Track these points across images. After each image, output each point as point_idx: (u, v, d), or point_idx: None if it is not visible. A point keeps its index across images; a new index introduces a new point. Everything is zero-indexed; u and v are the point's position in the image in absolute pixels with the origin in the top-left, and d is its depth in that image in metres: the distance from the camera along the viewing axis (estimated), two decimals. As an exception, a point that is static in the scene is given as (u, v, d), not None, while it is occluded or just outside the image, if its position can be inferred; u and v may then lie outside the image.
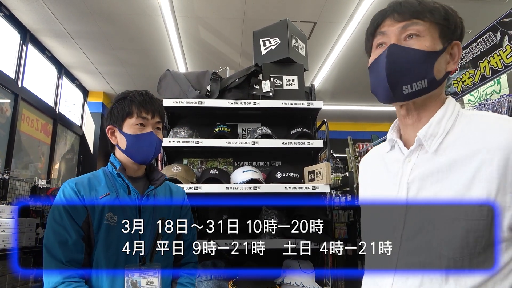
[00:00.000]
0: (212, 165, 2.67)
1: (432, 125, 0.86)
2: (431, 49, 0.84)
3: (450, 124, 0.86)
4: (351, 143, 5.07)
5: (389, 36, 0.88)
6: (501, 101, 2.56)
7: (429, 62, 0.84)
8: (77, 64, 6.26)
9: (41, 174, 5.79)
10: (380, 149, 1.04)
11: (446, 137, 0.85)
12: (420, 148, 0.88)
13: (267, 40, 2.65)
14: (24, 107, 5.29)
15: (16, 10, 4.70)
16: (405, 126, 0.93)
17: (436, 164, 0.83)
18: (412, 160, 0.88)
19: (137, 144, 1.30)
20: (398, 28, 0.87)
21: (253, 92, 2.49)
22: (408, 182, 0.86)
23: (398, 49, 0.85)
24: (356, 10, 4.62)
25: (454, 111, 0.87)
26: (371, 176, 1.03)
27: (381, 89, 0.87)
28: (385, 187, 0.93)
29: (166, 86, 2.55)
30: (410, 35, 0.85)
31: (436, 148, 0.84)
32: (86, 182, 1.30)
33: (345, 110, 8.39)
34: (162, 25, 4.92)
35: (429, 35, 0.85)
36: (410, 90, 0.84)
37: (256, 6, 4.62)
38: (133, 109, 1.30)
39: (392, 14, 0.89)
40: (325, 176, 2.24)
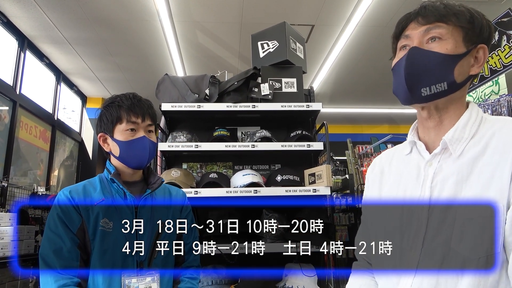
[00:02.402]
0: (212, 169, 2.66)
1: (458, 129, 0.87)
2: (452, 52, 0.85)
3: (474, 128, 0.87)
4: (351, 146, 5.06)
5: (412, 39, 0.89)
6: (501, 101, 2.55)
7: (449, 65, 0.85)
8: (75, 71, 6.26)
9: (40, 181, 5.77)
10: (398, 150, 1.04)
11: (470, 141, 0.85)
12: (443, 152, 0.88)
13: (265, 43, 2.64)
14: (23, 114, 5.28)
15: (14, 17, 4.70)
16: (426, 128, 0.93)
17: (458, 167, 0.84)
18: (433, 164, 0.89)
19: (130, 150, 1.28)
20: (421, 31, 0.88)
21: (252, 95, 2.48)
22: (431, 186, 0.86)
23: (418, 52, 0.86)
24: (354, 13, 4.63)
25: (478, 116, 0.88)
26: (388, 176, 1.02)
27: (401, 91, 0.88)
28: (406, 189, 0.93)
29: (165, 90, 2.54)
30: (432, 38, 0.86)
31: (461, 152, 0.85)
32: (81, 189, 1.28)
33: (343, 113, 8.40)
34: (160, 30, 4.93)
35: (452, 38, 0.85)
36: (428, 92, 0.85)
37: (254, 10, 4.63)
38: (121, 114, 1.28)
39: (417, 17, 0.89)
40: (325, 179, 2.23)
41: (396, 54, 0.95)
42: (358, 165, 4.81)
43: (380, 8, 4.56)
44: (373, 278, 1.01)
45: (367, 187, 1.10)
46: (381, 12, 4.63)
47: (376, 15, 4.71)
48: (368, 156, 4.81)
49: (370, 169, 1.11)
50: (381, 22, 4.87)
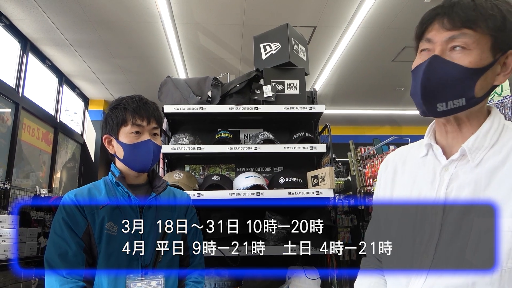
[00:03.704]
0: (214, 171, 2.66)
1: (478, 138, 0.83)
2: (475, 66, 0.78)
3: (495, 137, 0.83)
4: (353, 147, 5.05)
5: (434, 44, 0.82)
6: (504, 103, 2.54)
7: (470, 80, 0.79)
8: (77, 73, 6.27)
9: (43, 183, 5.78)
10: (413, 150, 1.00)
11: (490, 150, 0.82)
12: (461, 159, 0.84)
13: (267, 45, 2.64)
14: (25, 116, 5.29)
15: (17, 19, 4.72)
16: (444, 132, 0.89)
17: (476, 176, 0.81)
18: (450, 169, 0.85)
19: (135, 153, 1.27)
20: (445, 38, 0.80)
21: (254, 97, 2.48)
22: (446, 192, 0.83)
23: (439, 62, 0.80)
24: (355, 14, 4.63)
25: (500, 124, 0.85)
26: (401, 176, 0.98)
27: (416, 100, 0.83)
28: (420, 192, 0.90)
29: (167, 92, 2.54)
30: (456, 46, 0.79)
31: (480, 161, 0.82)
32: (86, 193, 1.28)
33: (346, 114, 8.39)
34: (162, 32, 4.94)
35: (478, 48, 0.78)
36: (445, 108, 0.80)
37: (255, 11, 4.63)
38: (127, 117, 1.27)
39: (443, 18, 0.81)
40: (328, 181, 2.22)
41: (417, 54, 0.88)
42: (360, 167, 4.80)
43: (382, 10, 4.56)
44: (383, 277, 0.99)
45: (379, 185, 1.06)
46: (383, 13, 4.63)
47: (378, 17, 4.70)
48: (370, 157, 4.80)
49: (383, 166, 1.06)
50: (383, 24, 4.86)
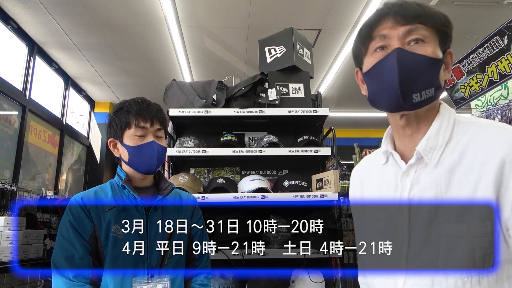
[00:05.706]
0: (219, 174, 2.67)
1: (430, 138, 0.82)
2: (436, 56, 0.80)
3: (448, 134, 0.82)
4: (358, 150, 5.04)
5: (391, 39, 0.81)
6: (510, 106, 2.53)
7: (435, 70, 0.80)
8: (83, 76, 6.32)
9: (49, 185, 5.82)
10: (374, 160, 0.99)
11: (445, 148, 0.81)
12: (420, 162, 0.84)
13: (272, 48, 2.65)
14: (32, 119, 5.34)
15: (24, 23, 4.77)
16: (402, 136, 0.88)
17: (436, 178, 0.80)
18: (410, 174, 0.84)
19: (139, 155, 1.28)
20: (402, 32, 0.80)
21: (259, 101, 2.49)
22: (408, 197, 0.82)
23: (405, 54, 0.79)
24: (361, 17, 4.63)
25: (450, 120, 0.84)
26: (368, 186, 0.98)
27: (387, 96, 0.81)
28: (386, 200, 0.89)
29: (172, 95, 2.55)
30: (416, 40, 0.80)
31: (437, 161, 0.81)
32: (93, 196, 1.29)
33: (350, 117, 8.37)
34: (167, 35, 4.96)
35: (432, 41, 0.81)
36: (419, 98, 0.78)
37: (260, 15, 4.64)
38: (130, 120, 1.28)
39: (394, 16, 0.81)
40: (333, 184, 2.22)
41: (368, 55, 0.86)
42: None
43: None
44: None
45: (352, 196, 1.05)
46: (388, 16, 4.62)
47: (383, 19, 4.69)
48: (375, 160, 4.78)
49: (351, 179, 1.06)
50: (388, 26, 4.84)
